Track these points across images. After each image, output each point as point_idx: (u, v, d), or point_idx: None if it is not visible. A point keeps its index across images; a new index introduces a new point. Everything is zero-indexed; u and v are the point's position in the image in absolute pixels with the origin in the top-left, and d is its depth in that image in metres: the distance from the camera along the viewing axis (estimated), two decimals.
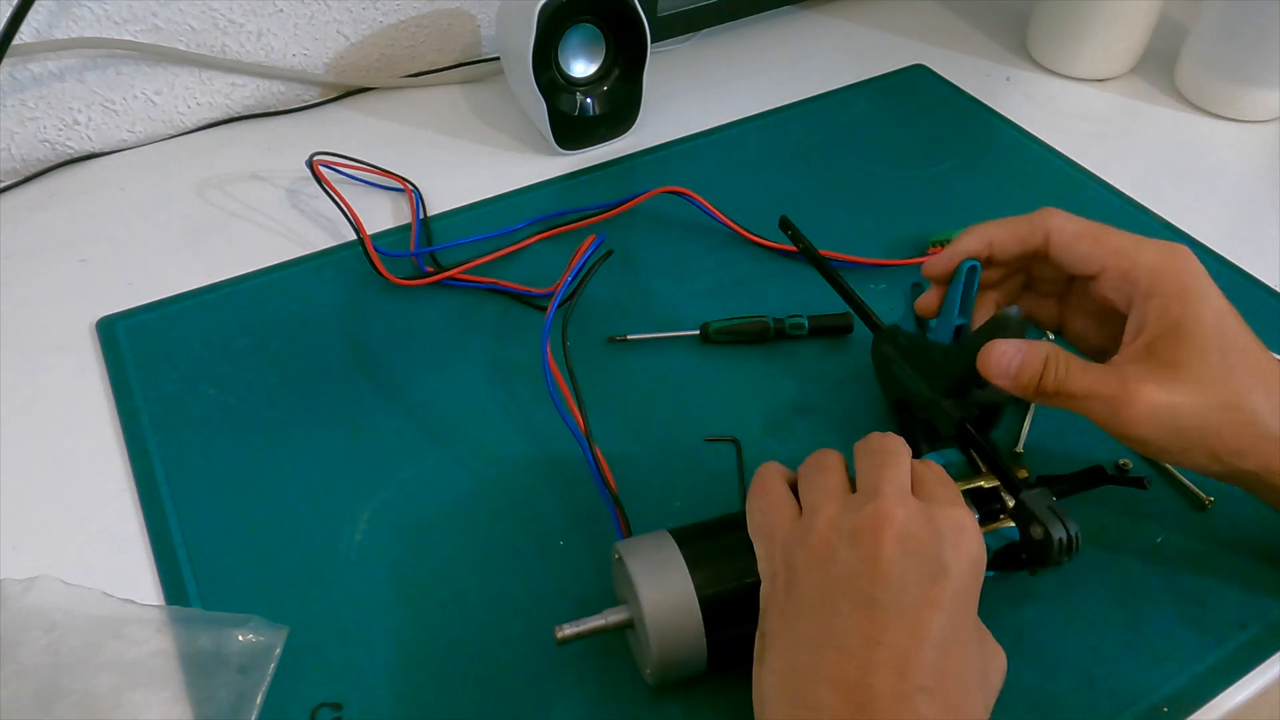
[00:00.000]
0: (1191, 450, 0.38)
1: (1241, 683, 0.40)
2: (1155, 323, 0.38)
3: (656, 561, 0.37)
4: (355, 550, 0.44)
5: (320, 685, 0.40)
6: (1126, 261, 0.40)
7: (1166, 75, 0.76)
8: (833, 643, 0.32)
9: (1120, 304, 0.40)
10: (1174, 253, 0.39)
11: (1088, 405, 0.38)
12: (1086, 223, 0.42)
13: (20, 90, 0.63)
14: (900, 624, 0.32)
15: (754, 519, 0.38)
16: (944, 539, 0.34)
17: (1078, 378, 0.38)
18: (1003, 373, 0.39)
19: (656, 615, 0.36)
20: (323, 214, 0.62)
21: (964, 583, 0.33)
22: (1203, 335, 0.37)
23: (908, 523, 0.34)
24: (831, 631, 0.32)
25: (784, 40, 0.80)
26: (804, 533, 0.35)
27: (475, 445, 0.49)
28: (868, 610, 0.32)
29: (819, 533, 0.35)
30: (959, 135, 0.70)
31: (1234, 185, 0.66)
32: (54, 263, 0.59)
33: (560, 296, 0.47)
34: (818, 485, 0.37)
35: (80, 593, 0.41)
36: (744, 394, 0.51)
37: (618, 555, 0.38)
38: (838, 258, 0.57)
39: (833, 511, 0.35)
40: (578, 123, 0.66)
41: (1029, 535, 0.38)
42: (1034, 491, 0.38)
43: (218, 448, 0.48)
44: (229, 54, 0.68)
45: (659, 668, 0.37)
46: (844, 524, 0.34)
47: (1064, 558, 0.37)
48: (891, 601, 0.32)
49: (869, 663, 0.31)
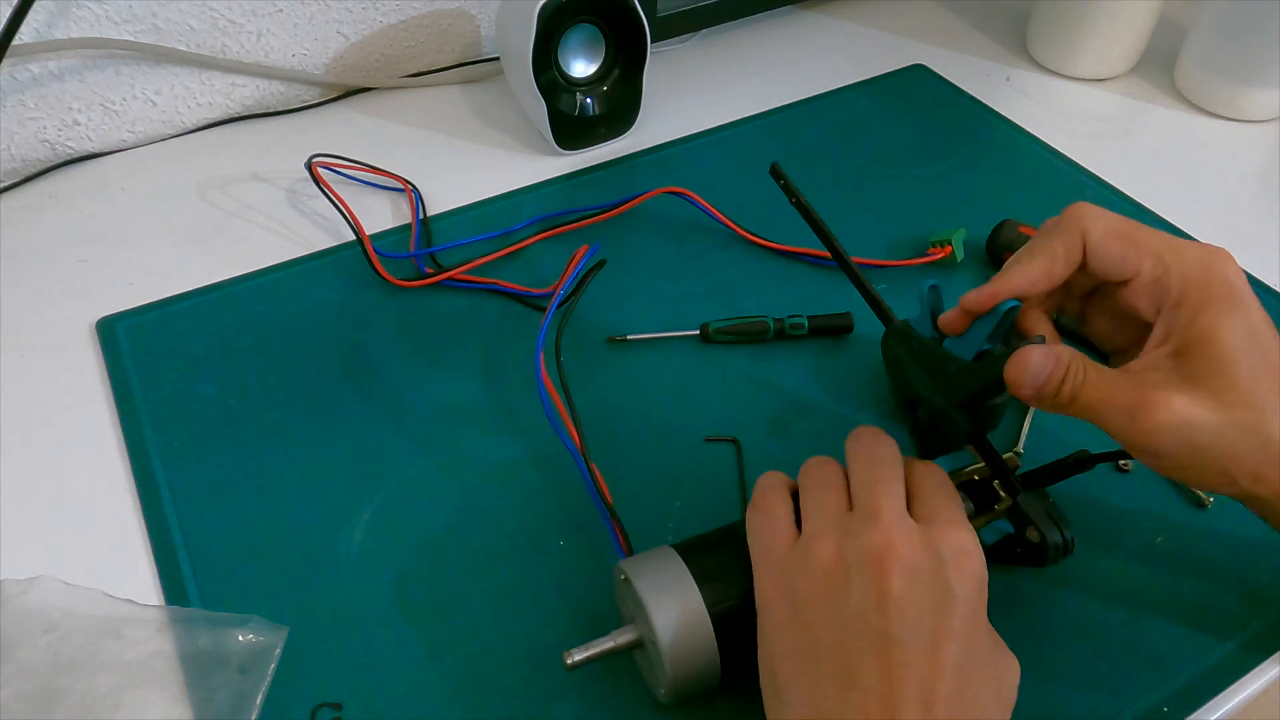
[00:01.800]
0: (1206, 470, 0.36)
1: (1241, 683, 0.41)
2: (1183, 331, 0.36)
3: (665, 581, 0.37)
4: (355, 550, 0.44)
5: (320, 685, 0.40)
6: (1160, 268, 0.38)
7: (1166, 75, 0.76)
8: (856, 684, 0.32)
9: (1148, 312, 0.38)
10: (1213, 258, 0.37)
11: (1103, 414, 0.36)
12: (1119, 220, 0.39)
13: (20, 90, 0.63)
14: (918, 659, 0.32)
15: (751, 535, 0.37)
16: (947, 564, 0.34)
17: (1094, 385, 0.36)
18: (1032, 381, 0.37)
19: (669, 637, 0.35)
20: (322, 214, 0.62)
21: (971, 606, 0.33)
22: (1232, 350, 0.35)
23: (912, 555, 0.34)
24: (851, 673, 0.32)
25: (784, 40, 0.80)
26: (802, 559, 0.35)
27: (475, 445, 0.49)
28: (885, 647, 0.32)
29: (824, 562, 0.34)
30: (959, 135, 0.70)
31: (1234, 185, 0.66)
32: (54, 263, 0.59)
33: (553, 309, 0.47)
34: (819, 504, 0.36)
35: (80, 593, 0.41)
36: (744, 394, 0.51)
37: (623, 575, 0.38)
38: None
39: (835, 539, 0.35)
40: (578, 123, 0.66)
41: (1025, 538, 0.38)
42: (1031, 494, 0.38)
43: (218, 448, 0.48)
44: (229, 54, 0.68)
45: (673, 688, 0.36)
46: (849, 555, 0.34)
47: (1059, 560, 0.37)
48: (907, 637, 0.32)
49: (894, 701, 0.31)
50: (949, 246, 0.58)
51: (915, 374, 0.44)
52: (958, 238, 0.58)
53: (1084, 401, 0.36)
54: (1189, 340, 0.36)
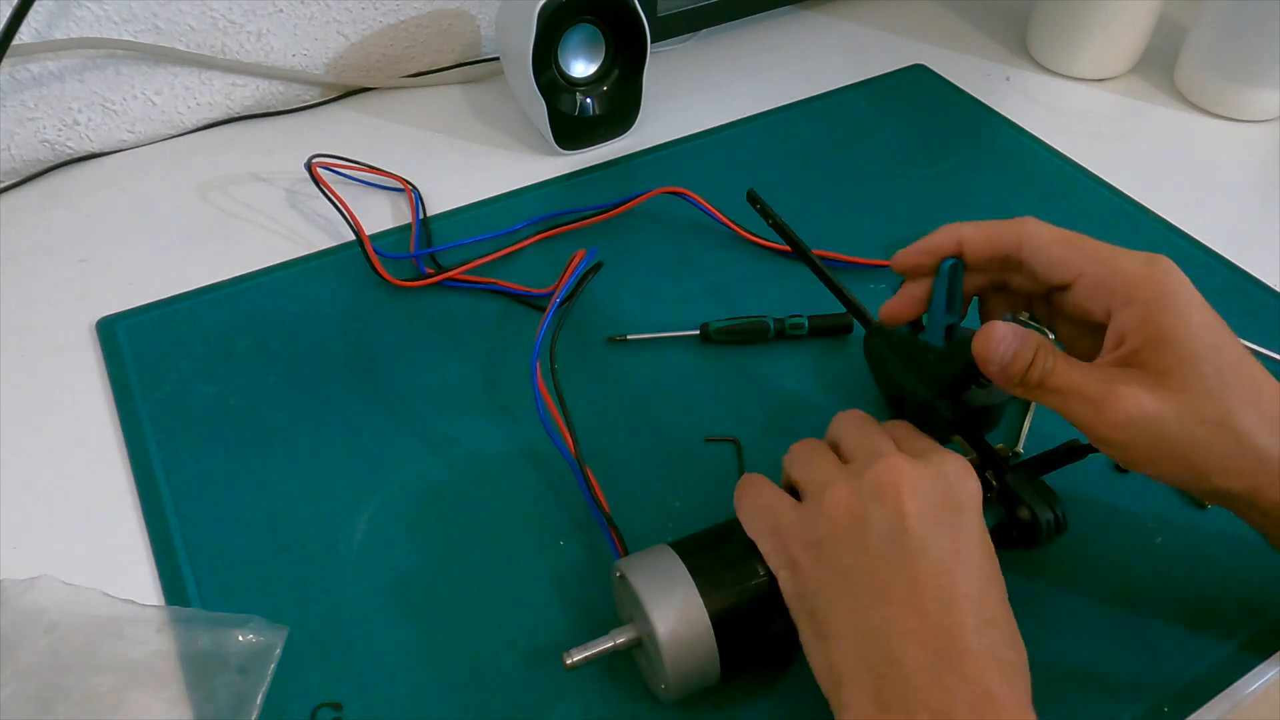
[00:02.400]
0: (1174, 464, 0.36)
1: (1241, 683, 0.40)
2: (1138, 331, 0.37)
3: (662, 579, 0.37)
4: (355, 550, 0.44)
5: (320, 685, 0.40)
6: (1104, 269, 0.38)
7: (1166, 75, 0.76)
8: (892, 599, 0.33)
9: (1098, 313, 0.39)
10: (1154, 262, 0.38)
11: (1070, 403, 0.37)
12: (1063, 230, 0.40)
13: (20, 90, 0.63)
14: (952, 566, 0.34)
15: (751, 519, 0.38)
16: (948, 479, 0.36)
17: (1063, 373, 0.37)
18: (998, 356, 0.38)
19: (668, 635, 0.35)
20: (322, 214, 0.62)
21: (977, 515, 0.36)
22: (1192, 344, 0.36)
23: (919, 477, 0.35)
24: (887, 590, 0.33)
25: (784, 40, 0.80)
26: (816, 510, 0.36)
27: (476, 445, 0.49)
28: (913, 561, 0.34)
29: (840, 501, 0.36)
30: (959, 135, 0.70)
31: (1234, 185, 0.66)
32: (54, 263, 0.59)
33: (552, 310, 0.47)
34: (814, 465, 0.38)
35: (80, 593, 0.41)
36: (744, 394, 0.51)
37: (620, 574, 0.38)
38: (837, 258, 0.57)
39: (844, 481, 0.36)
40: (578, 123, 0.66)
41: (1016, 517, 0.38)
42: (1019, 474, 0.39)
43: (218, 448, 0.48)
44: (229, 54, 0.68)
45: (673, 686, 0.36)
46: (864, 489, 0.35)
47: (1053, 537, 0.38)
48: (933, 550, 0.34)
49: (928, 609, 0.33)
50: None
51: (897, 369, 0.44)
52: None
53: (1051, 386, 0.37)
54: (1147, 338, 0.36)
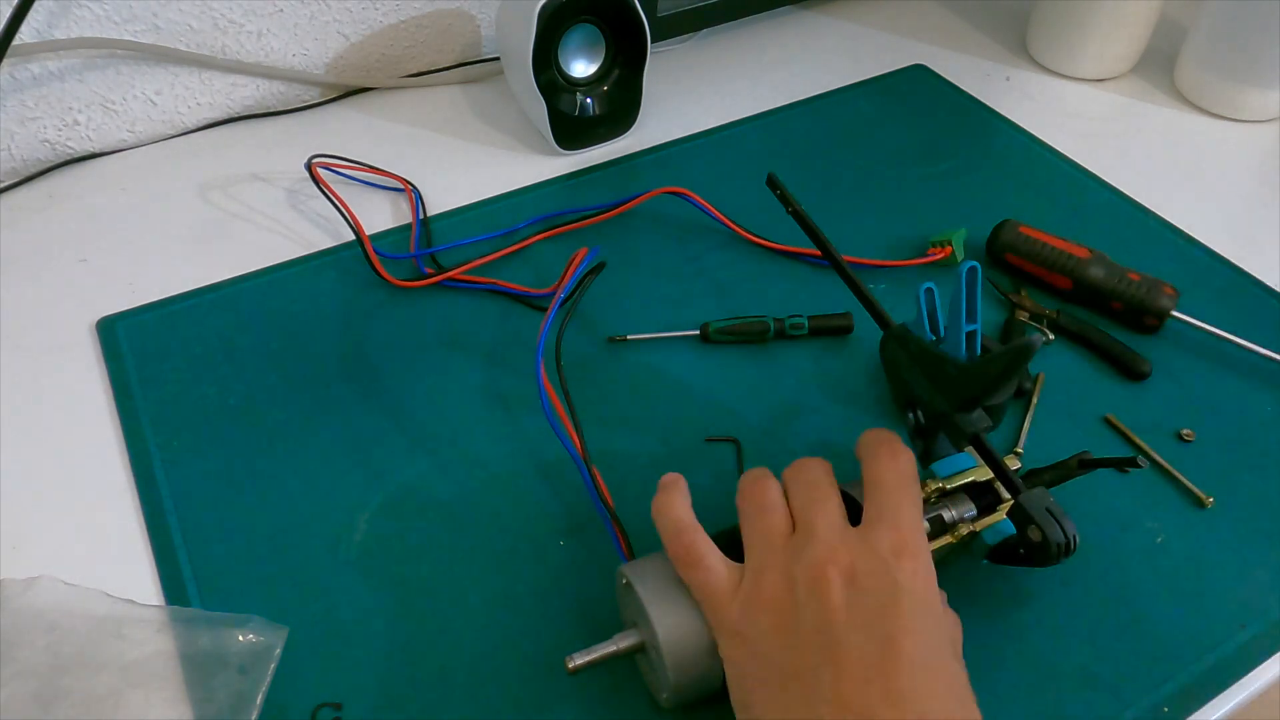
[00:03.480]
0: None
1: (1241, 683, 0.41)
2: None
3: (667, 586, 0.37)
4: (355, 550, 0.44)
5: (320, 685, 0.40)
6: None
7: (1166, 75, 0.76)
8: (821, 698, 0.32)
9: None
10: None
11: None
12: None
13: (20, 90, 0.63)
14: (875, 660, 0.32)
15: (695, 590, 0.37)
16: (889, 563, 0.34)
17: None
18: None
19: (672, 642, 0.35)
20: (323, 214, 0.62)
21: (921, 595, 0.34)
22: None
23: (851, 560, 0.34)
24: (815, 688, 0.32)
25: (784, 40, 0.80)
26: (754, 593, 0.35)
27: (475, 445, 0.49)
28: (839, 656, 0.32)
29: (773, 592, 0.35)
30: (959, 135, 0.70)
31: (1234, 185, 0.66)
32: (54, 263, 0.59)
33: (554, 310, 0.47)
34: (759, 531, 0.37)
35: (80, 593, 0.41)
36: (744, 394, 0.51)
37: (625, 580, 0.38)
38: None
39: (779, 566, 0.35)
40: (578, 123, 0.66)
41: (1027, 537, 0.38)
42: (1032, 493, 0.38)
43: (218, 448, 0.48)
44: (229, 54, 0.68)
45: (675, 693, 0.36)
46: (795, 576, 0.35)
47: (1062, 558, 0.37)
48: (860, 642, 0.32)
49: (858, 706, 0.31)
50: (949, 247, 0.58)
51: (914, 377, 0.44)
52: (958, 238, 0.58)
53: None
54: None
